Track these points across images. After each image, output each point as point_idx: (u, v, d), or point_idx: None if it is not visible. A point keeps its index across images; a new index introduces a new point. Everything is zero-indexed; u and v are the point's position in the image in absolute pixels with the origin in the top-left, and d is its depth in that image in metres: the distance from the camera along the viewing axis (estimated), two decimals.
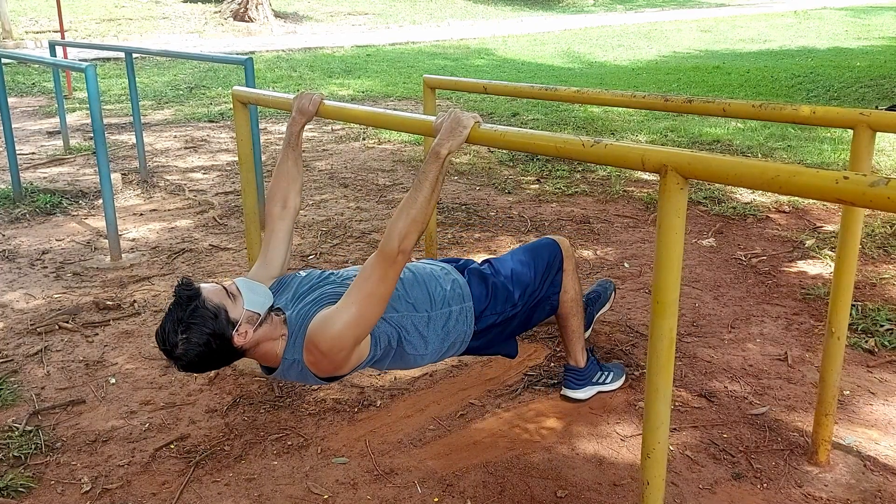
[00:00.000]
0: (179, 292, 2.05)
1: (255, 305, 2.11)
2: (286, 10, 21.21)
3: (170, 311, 2.05)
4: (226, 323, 2.05)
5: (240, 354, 2.12)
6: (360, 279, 2.04)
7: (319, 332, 2.05)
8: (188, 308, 2.02)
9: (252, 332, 2.09)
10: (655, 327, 1.63)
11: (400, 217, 1.97)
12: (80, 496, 2.31)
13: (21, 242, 4.55)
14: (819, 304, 3.52)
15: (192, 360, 2.03)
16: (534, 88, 3.07)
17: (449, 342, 2.38)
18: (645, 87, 10.40)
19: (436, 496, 2.29)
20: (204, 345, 2.02)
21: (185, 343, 2.01)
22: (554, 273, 2.61)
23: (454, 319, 2.38)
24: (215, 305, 2.05)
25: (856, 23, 19.62)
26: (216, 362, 2.10)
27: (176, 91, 10.40)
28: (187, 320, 2.01)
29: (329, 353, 2.07)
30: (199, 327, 2.01)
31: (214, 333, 2.02)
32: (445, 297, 2.38)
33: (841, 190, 1.31)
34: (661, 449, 1.67)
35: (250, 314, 2.09)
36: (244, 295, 2.12)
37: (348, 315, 2.02)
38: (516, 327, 2.55)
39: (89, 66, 3.97)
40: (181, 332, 2.01)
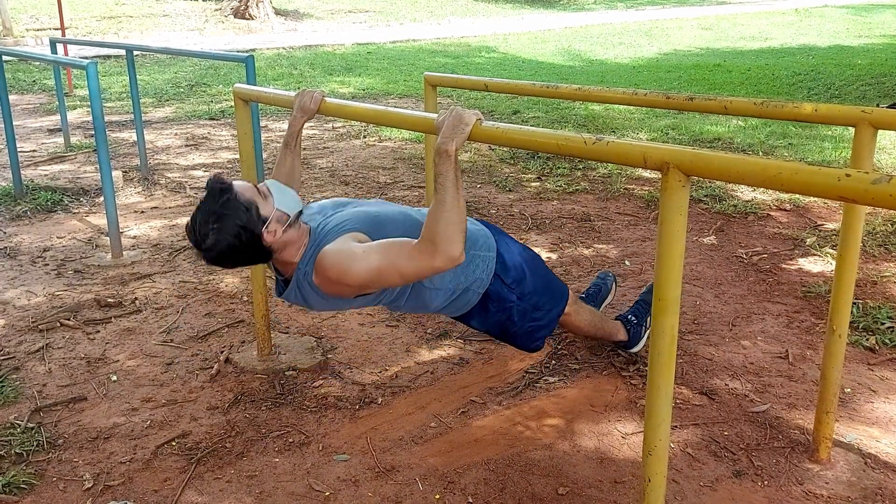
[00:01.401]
0: (212, 185, 2.08)
1: (286, 206, 2.15)
2: (287, 7, 21.20)
3: (202, 204, 2.08)
4: (256, 218, 2.08)
5: (266, 255, 2.15)
6: (400, 248, 2.04)
7: (334, 259, 2.07)
8: (220, 200, 2.05)
9: (280, 232, 2.11)
10: (657, 325, 1.63)
11: (436, 222, 1.96)
12: (81, 493, 2.32)
13: (22, 240, 4.55)
14: (820, 301, 3.53)
15: (222, 251, 2.06)
16: (535, 86, 3.07)
17: (464, 286, 2.38)
18: (646, 84, 10.39)
19: (437, 493, 2.29)
20: (234, 236, 2.04)
21: (216, 233, 2.04)
22: (557, 302, 2.61)
23: (475, 263, 2.39)
24: (247, 200, 2.08)
25: (857, 21, 19.60)
26: (243, 258, 2.12)
27: (177, 88, 10.40)
28: (219, 211, 2.04)
29: (335, 281, 2.09)
30: (231, 219, 2.04)
31: (245, 227, 2.05)
32: (472, 239, 2.39)
33: (843, 187, 1.31)
34: (663, 446, 1.67)
35: (280, 214, 2.13)
36: (275, 195, 2.15)
37: (366, 266, 2.04)
38: (513, 322, 2.52)
39: (90, 64, 3.97)
40: (213, 222, 2.04)
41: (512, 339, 2.61)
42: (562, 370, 2.98)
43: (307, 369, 3.03)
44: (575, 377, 2.93)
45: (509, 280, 2.47)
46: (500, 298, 2.47)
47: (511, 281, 2.48)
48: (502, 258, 2.48)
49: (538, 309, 2.54)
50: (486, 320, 2.52)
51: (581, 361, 3.04)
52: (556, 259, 4.14)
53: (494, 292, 2.46)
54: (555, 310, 2.59)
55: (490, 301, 2.47)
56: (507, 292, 2.47)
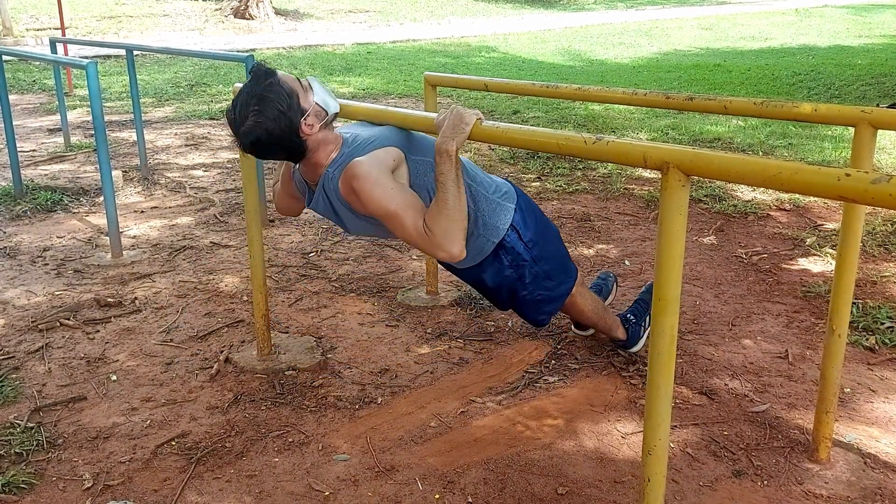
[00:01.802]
0: (256, 69, 2.10)
1: (325, 104, 2.17)
2: (287, 7, 21.20)
3: (245, 87, 2.10)
4: (297, 107, 2.10)
5: (299, 149, 2.16)
6: (416, 214, 2.10)
7: (362, 173, 2.09)
8: (264, 83, 2.07)
9: (317, 127, 2.13)
10: (656, 324, 1.63)
11: (438, 220, 1.98)
12: (81, 492, 2.32)
13: (22, 240, 4.55)
14: (820, 301, 3.53)
15: (259, 136, 2.07)
16: (535, 86, 3.07)
17: (482, 228, 2.39)
18: (646, 84, 10.39)
19: (437, 493, 2.29)
20: (273, 120, 2.06)
21: (257, 115, 2.05)
22: (567, 277, 2.63)
23: (494, 207, 2.41)
24: (290, 88, 2.10)
25: (857, 21, 19.61)
26: (277, 148, 2.14)
27: (177, 88, 10.40)
28: (262, 93, 2.06)
29: (356, 193, 2.12)
30: (273, 102, 2.06)
31: (284, 113, 2.07)
32: (497, 188, 2.43)
33: (842, 187, 1.31)
34: (662, 446, 1.67)
35: (319, 109, 2.15)
36: (315, 90, 2.17)
37: (385, 203, 2.08)
38: (524, 283, 2.53)
39: (90, 64, 3.97)
40: (254, 104, 2.05)
41: (520, 305, 2.61)
42: (561, 370, 2.98)
43: (307, 369, 3.03)
44: (575, 377, 2.93)
45: (527, 237, 2.47)
46: (515, 253, 2.47)
47: (528, 239, 2.48)
48: (524, 215, 2.49)
49: (549, 278, 2.55)
50: (497, 273, 2.51)
51: (581, 361, 3.04)
52: None
53: (510, 245, 2.45)
54: (564, 284, 2.60)
55: (504, 253, 2.46)
56: (522, 248, 2.47)
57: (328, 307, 3.59)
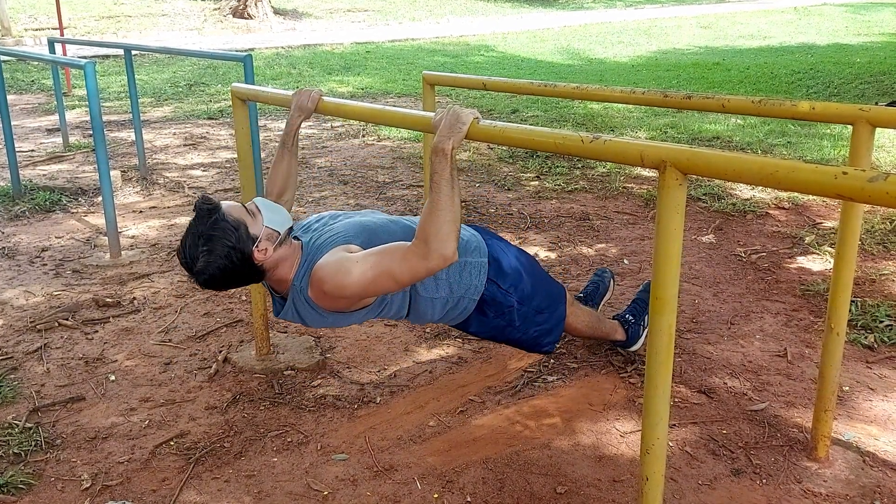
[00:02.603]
0: (200, 206, 2.06)
1: (275, 224, 2.13)
2: (285, 7, 21.19)
3: (190, 226, 2.06)
4: (246, 237, 2.06)
5: (259, 274, 2.13)
6: (390, 253, 2.02)
7: (328, 272, 2.05)
8: (208, 221, 2.03)
9: (272, 250, 2.09)
10: (655, 323, 1.63)
11: (430, 221, 1.94)
12: (79, 493, 2.31)
13: (21, 240, 4.55)
14: (818, 300, 3.53)
15: (213, 273, 2.04)
16: (533, 85, 3.07)
17: (458, 294, 2.36)
18: (644, 83, 10.39)
19: (435, 492, 2.29)
20: (224, 257, 2.02)
21: (207, 255, 2.01)
22: (557, 305, 2.59)
23: (468, 270, 2.37)
24: (235, 220, 2.06)
25: (856, 19, 19.61)
26: (235, 279, 2.10)
27: (175, 88, 10.40)
28: (208, 233, 2.02)
29: (331, 294, 2.08)
30: (220, 240, 2.02)
31: (235, 247, 2.03)
32: (463, 246, 2.36)
33: (840, 185, 1.31)
34: (661, 445, 1.67)
35: (270, 231, 2.11)
36: (264, 213, 2.13)
37: (362, 275, 2.01)
38: (515, 327, 2.50)
39: (88, 64, 3.96)
40: (202, 244, 2.02)
41: (519, 345, 2.58)
42: (560, 369, 2.98)
43: (305, 369, 3.03)
44: (573, 376, 2.93)
45: (506, 285, 2.44)
46: (498, 303, 2.43)
47: (508, 286, 2.44)
48: (497, 262, 2.45)
49: (541, 312, 2.51)
50: (484, 325, 2.48)
51: (579, 360, 3.04)
52: (555, 258, 4.14)
53: (490, 297, 2.42)
54: (557, 311, 2.57)
55: (487, 306, 2.43)
56: (504, 296, 2.44)
57: None
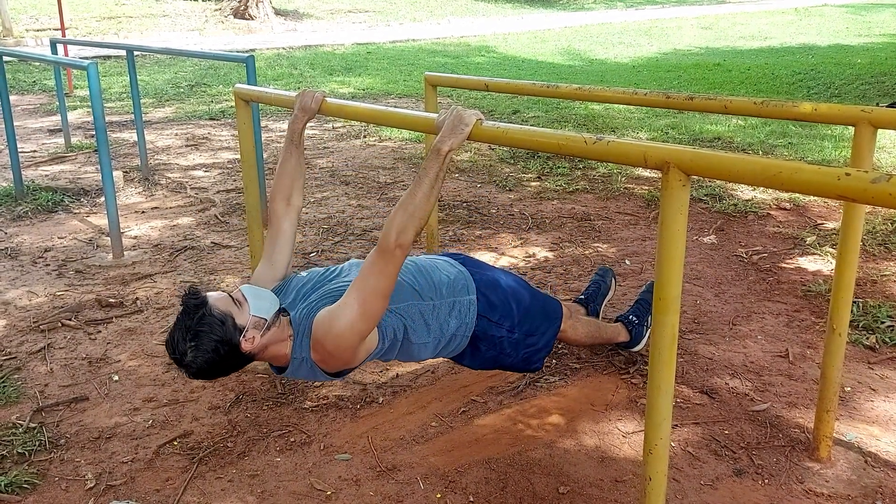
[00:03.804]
0: (186, 301, 2.07)
1: (262, 311, 2.13)
2: (286, 7, 21.20)
3: (178, 321, 2.07)
4: (233, 329, 2.07)
5: (248, 360, 2.14)
6: (360, 276, 2.04)
7: (324, 331, 2.07)
8: (195, 316, 2.04)
9: (259, 338, 2.11)
10: (657, 324, 1.63)
11: (398, 212, 1.97)
12: (84, 492, 2.32)
13: (23, 240, 4.56)
14: (820, 300, 3.53)
15: (202, 366, 2.06)
16: (535, 85, 3.07)
17: (450, 333, 2.36)
18: (646, 84, 10.39)
19: (438, 492, 2.30)
20: (212, 351, 2.04)
21: (195, 350, 2.03)
22: (551, 324, 2.57)
23: (457, 310, 2.37)
24: (222, 312, 2.07)
25: (856, 20, 19.61)
26: (225, 369, 2.12)
27: (177, 89, 10.41)
28: (195, 328, 2.03)
29: (335, 351, 2.09)
30: (207, 335, 2.03)
31: (222, 340, 2.05)
32: (450, 286, 2.37)
33: (842, 186, 1.31)
34: (663, 445, 1.68)
35: (257, 320, 2.11)
36: (250, 301, 2.14)
37: (351, 312, 2.03)
38: (506, 354, 2.48)
39: (91, 64, 3.97)
40: (189, 339, 2.03)
41: (509, 368, 2.57)
42: (562, 369, 2.99)
43: None
44: (576, 376, 2.94)
45: (496, 318, 2.43)
46: (489, 336, 2.43)
47: (498, 318, 2.43)
48: (487, 295, 2.44)
49: (531, 335, 2.49)
50: (476, 358, 2.48)
51: (582, 361, 3.05)
52: (555, 259, 4.14)
53: (482, 332, 2.41)
54: (550, 331, 2.55)
55: (479, 341, 2.43)
56: (495, 329, 2.43)
57: None
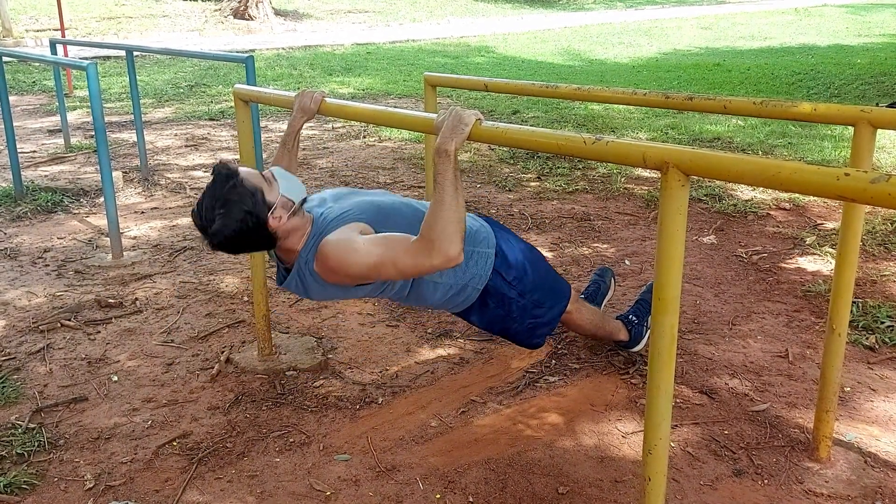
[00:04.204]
0: (218, 171, 2.10)
1: (291, 193, 2.17)
2: (286, 7, 21.20)
3: (208, 189, 2.10)
4: (262, 203, 2.10)
5: (271, 241, 2.17)
6: (399, 243, 2.07)
7: (334, 249, 2.10)
8: (227, 185, 2.07)
9: (286, 218, 2.14)
10: (657, 324, 1.63)
11: (435, 221, 1.98)
12: (83, 493, 2.32)
13: (23, 241, 4.56)
14: (820, 300, 3.53)
15: (228, 236, 2.08)
16: (534, 86, 3.07)
17: (463, 281, 2.39)
18: (645, 84, 10.39)
19: (438, 493, 2.30)
20: (240, 221, 2.06)
21: (222, 218, 2.05)
22: (558, 300, 2.61)
23: (474, 260, 2.41)
24: (253, 185, 2.10)
25: (856, 20, 19.61)
26: (248, 244, 2.14)
27: (176, 89, 10.40)
28: (225, 196, 2.06)
29: (334, 270, 2.12)
30: (237, 204, 2.06)
31: (251, 212, 2.08)
32: (472, 235, 2.42)
33: (842, 187, 1.31)
34: (663, 445, 1.68)
35: (285, 200, 2.15)
36: (280, 182, 2.17)
37: (366, 259, 2.06)
38: (512, 318, 2.52)
39: (91, 65, 3.97)
40: (219, 207, 2.06)
41: (512, 336, 2.61)
42: (562, 370, 2.98)
43: (308, 369, 3.03)
44: (575, 376, 2.94)
45: (510, 277, 2.48)
46: (500, 294, 2.47)
47: (512, 278, 2.48)
48: (503, 254, 2.49)
49: (539, 306, 2.54)
50: (485, 315, 2.53)
51: (581, 361, 3.05)
52: (555, 259, 4.14)
53: (494, 288, 2.46)
54: (556, 307, 2.60)
55: (489, 297, 2.47)
56: (507, 289, 2.47)
57: (328, 307, 3.59)
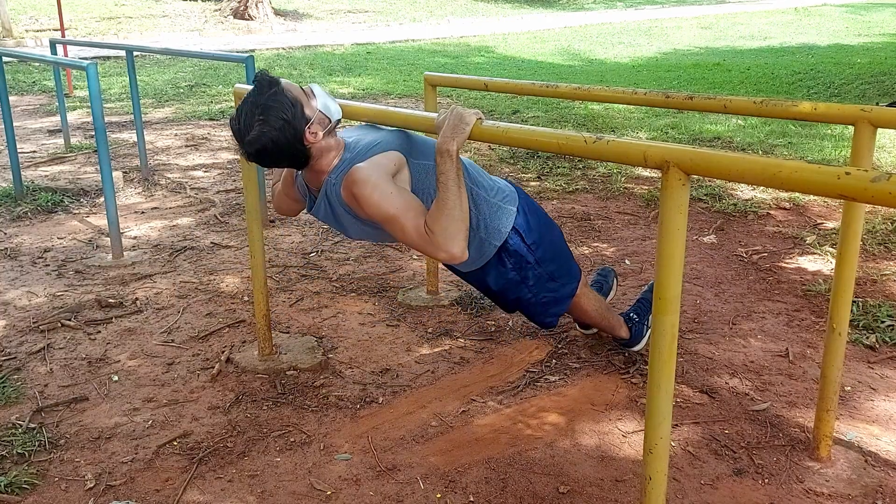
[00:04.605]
0: (260, 78, 2.11)
1: (328, 111, 2.19)
2: (286, 7, 21.20)
3: (248, 95, 2.11)
4: (301, 116, 2.11)
5: (304, 157, 2.18)
6: (415, 215, 2.11)
7: (361, 179, 2.12)
8: (268, 93, 2.08)
9: (321, 135, 2.15)
10: (657, 323, 1.63)
11: (438, 219, 1.99)
12: (83, 493, 2.32)
13: (23, 241, 4.56)
14: (820, 300, 3.53)
15: (264, 145, 2.08)
16: (535, 85, 3.07)
17: (483, 230, 2.40)
18: (645, 84, 10.39)
19: (438, 492, 2.30)
20: (278, 129, 2.07)
21: (261, 125, 2.06)
22: (571, 279, 2.63)
23: (498, 214, 2.42)
24: (293, 96, 2.12)
25: (856, 19, 19.61)
26: (282, 156, 2.15)
27: (176, 89, 10.40)
28: (266, 102, 2.07)
29: (356, 199, 2.15)
30: (277, 111, 2.07)
31: (289, 122, 2.08)
32: (500, 191, 2.44)
33: (843, 186, 1.31)
34: (663, 444, 1.68)
35: (322, 116, 2.17)
36: (319, 99, 2.19)
37: (385, 203, 2.10)
38: (528, 286, 2.53)
39: (91, 65, 3.97)
40: (258, 113, 2.07)
41: (526, 308, 2.61)
42: (562, 369, 2.99)
43: (308, 369, 3.03)
44: (575, 376, 2.94)
45: (530, 240, 2.48)
46: (518, 255, 2.47)
47: (531, 242, 2.49)
48: (526, 217, 2.49)
49: (554, 279, 2.55)
50: (500, 276, 2.52)
51: (582, 360, 3.05)
52: None
53: (513, 248, 2.46)
54: (569, 286, 2.61)
55: (507, 255, 2.47)
56: (525, 251, 2.48)
57: (329, 307, 3.59)
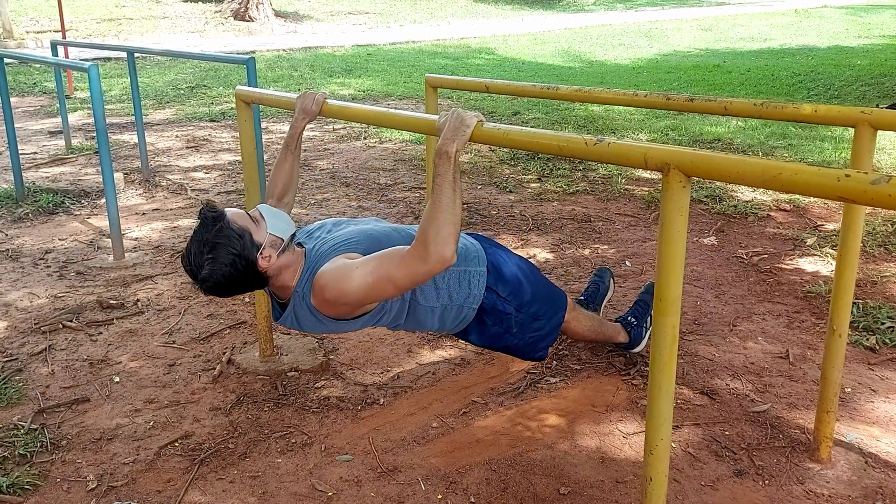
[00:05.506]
0: (204, 214, 2.08)
1: (279, 231, 2.15)
2: (287, 9, 21.22)
3: (195, 233, 2.08)
4: (250, 245, 2.08)
5: (262, 281, 2.15)
6: (391, 257, 2.03)
7: (330, 279, 2.07)
8: (213, 229, 2.05)
9: (275, 257, 2.12)
10: (658, 325, 1.64)
11: (431, 222, 1.95)
12: (85, 493, 2.32)
13: (24, 242, 4.56)
14: (820, 301, 3.53)
15: (218, 280, 2.06)
16: (535, 87, 3.07)
17: (458, 303, 2.37)
18: (645, 85, 10.40)
19: (439, 493, 2.30)
20: (229, 265, 2.05)
21: (212, 263, 2.04)
22: (556, 311, 2.58)
23: (466, 280, 2.38)
24: (240, 227, 2.08)
25: (856, 21, 19.61)
26: (240, 286, 2.12)
27: (177, 91, 10.41)
28: (213, 240, 2.04)
29: (333, 301, 2.09)
30: (225, 247, 2.04)
31: (240, 255, 2.06)
32: (463, 255, 2.37)
33: (843, 188, 1.32)
34: (664, 446, 1.68)
35: (274, 238, 2.13)
36: (267, 220, 2.16)
37: (363, 281, 2.03)
38: (512, 334, 2.49)
39: (92, 66, 3.98)
40: (207, 252, 2.04)
41: (514, 351, 2.57)
42: (563, 371, 2.99)
43: (309, 370, 3.04)
44: (576, 378, 2.94)
45: (505, 293, 2.44)
46: (496, 311, 2.43)
47: (507, 293, 2.44)
48: (498, 270, 2.45)
49: (538, 319, 2.50)
50: (483, 333, 2.48)
51: (582, 362, 3.05)
52: (556, 260, 4.14)
53: (490, 305, 2.42)
54: (555, 318, 2.56)
55: (486, 315, 2.43)
56: (503, 304, 2.44)
57: None
